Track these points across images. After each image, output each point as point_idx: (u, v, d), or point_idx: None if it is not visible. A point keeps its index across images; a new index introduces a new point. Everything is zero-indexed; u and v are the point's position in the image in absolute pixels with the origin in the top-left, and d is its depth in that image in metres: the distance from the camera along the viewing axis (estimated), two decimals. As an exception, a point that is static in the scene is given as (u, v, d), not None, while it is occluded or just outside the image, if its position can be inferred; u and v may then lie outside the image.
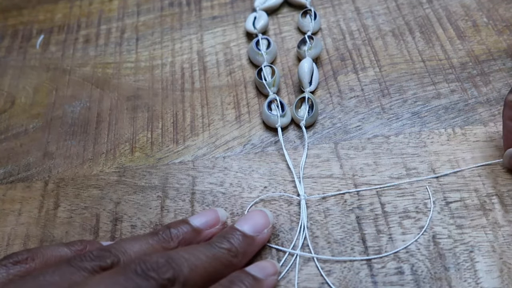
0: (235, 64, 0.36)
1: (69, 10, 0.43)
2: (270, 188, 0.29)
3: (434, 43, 0.35)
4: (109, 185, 0.31)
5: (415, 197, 0.27)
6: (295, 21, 0.38)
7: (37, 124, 0.35)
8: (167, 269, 0.20)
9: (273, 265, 0.25)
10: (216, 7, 0.40)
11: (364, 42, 0.36)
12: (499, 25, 0.35)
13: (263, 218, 0.26)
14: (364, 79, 0.33)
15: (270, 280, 0.24)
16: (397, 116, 0.31)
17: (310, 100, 0.31)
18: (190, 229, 0.25)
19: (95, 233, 0.28)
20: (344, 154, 0.30)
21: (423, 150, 0.29)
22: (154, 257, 0.21)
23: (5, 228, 0.30)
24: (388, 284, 0.24)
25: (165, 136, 0.33)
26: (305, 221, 0.27)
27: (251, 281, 0.23)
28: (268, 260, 0.25)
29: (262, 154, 0.31)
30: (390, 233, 0.26)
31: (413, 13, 0.37)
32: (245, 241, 0.24)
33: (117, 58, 0.38)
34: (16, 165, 0.33)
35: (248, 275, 0.23)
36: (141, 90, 0.36)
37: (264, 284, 0.23)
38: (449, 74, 0.33)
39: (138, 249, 0.23)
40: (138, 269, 0.20)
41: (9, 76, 0.39)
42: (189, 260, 0.22)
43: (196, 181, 0.30)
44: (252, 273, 0.23)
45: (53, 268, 0.21)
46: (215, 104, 0.34)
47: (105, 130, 0.34)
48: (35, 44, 0.41)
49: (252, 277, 0.23)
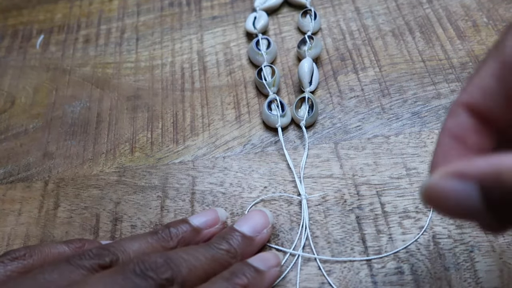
0: (235, 64, 0.36)
1: (69, 10, 0.43)
2: (270, 188, 0.29)
3: (434, 43, 0.35)
4: (109, 185, 0.31)
5: (415, 197, 0.27)
6: (295, 21, 0.38)
7: (37, 124, 0.35)
8: (165, 269, 0.21)
9: (275, 256, 0.25)
10: (216, 7, 0.40)
11: (364, 42, 0.36)
12: (499, 25, 0.35)
13: (263, 218, 0.26)
14: (364, 79, 0.33)
15: (272, 272, 0.24)
16: (397, 116, 0.31)
17: (310, 100, 0.31)
18: (189, 229, 0.25)
19: (95, 233, 0.28)
20: (344, 154, 0.30)
21: (423, 150, 0.29)
22: (152, 257, 0.21)
23: (5, 228, 0.30)
24: (388, 284, 0.24)
25: (165, 136, 0.33)
26: (307, 221, 0.27)
27: (252, 273, 0.23)
28: (270, 252, 0.25)
29: (262, 154, 0.31)
30: (390, 233, 0.26)
31: (413, 13, 0.37)
32: (244, 242, 0.24)
33: (117, 58, 0.38)
34: (16, 165, 0.33)
35: (250, 266, 0.23)
36: (141, 90, 0.36)
37: (266, 276, 0.23)
38: (449, 74, 0.33)
39: (137, 248, 0.23)
40: (137, 269, 0.20)
41: (9, 76, 0.39)
42: (187, 261, 0.22)
43: (196, 181, 0.30)
44: (254, 265, 0.23)
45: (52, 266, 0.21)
46: (215, 104, 0.34)
47: (105, 130, 0.34)
48: (35, 44, 0.41)
49: (254, 268, 0.23)
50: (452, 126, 0.17)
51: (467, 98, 0.16)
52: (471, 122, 0.16)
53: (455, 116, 0.17)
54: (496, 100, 0.16)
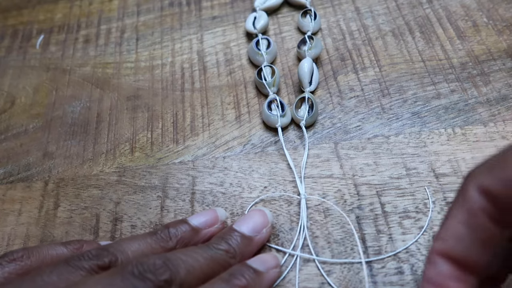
0: (235, 64, 0.36)
1: (69, 10, 0.43)
2: (270, 188, 0.29)
3: (434, 43, 0.35)
4: (109, 185, 0.31)
5: (415, 197, 0.27)
6: (295, 21, 0.38)
7: (37, 124, 0.35)
8: (164, 270, 0.20)
9: (274, 258, 0.25)
10: (216, 7, 0.40)
11: (364, 42, 0.36)
12: (499, 25, 0.35)
13: (262, 218, 0.26)
14: (364, 79, 0.33)
15: (272, 273, 0.24)
16: (397, 116, 0.31)
17: (310, 100, 0.31)
18: (188, 229, 0.25)
19: (95, 233, 0.28)
20: (344, 154, 0.30)
21: (423, 150, 0.29)
22: (151, 258, 0.21)
23: (5, 228, 0.30)
24: (388, 284, 0.24)
25: (165, 136, 0.33)
26: (305, 221, 0.27)
27: (251, 274, 0.23)
28: (269, 253, 0.25)
29: (262, 154, 0.31)
30: (390, 233, 0.26)
31: (413, 13, 0.37)
32: (243, 242, 0.24)
33: (117, 58, 0.38)
34: (16, 165, 0.33)
35: (249, 268, 0.23)
36: (141, 90, 0.36)
37: (265, 277, 0.23)
38: (449, 74, 0.33)
39: (137, 248, 0.23)
40: (135, 271, 0.20)
41: (9, 76, 0.39)
42: (186, 262, 0.22)
43: (196, 181, 0.30)
44: (253, 266, 0.23)
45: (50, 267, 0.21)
46: (215, 104, 0.34)
47: (105, 130, 0.34)
48: (35, 44, 0.41)
49: (253, 270, 0.23)
50: (432, 276, 0.18)
51: (442, 246, 0.18)
52: (450, 269, 0.17)
53: (434, 265, 0.18)
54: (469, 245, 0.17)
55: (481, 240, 0.17)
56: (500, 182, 0.16)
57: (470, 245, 0.17)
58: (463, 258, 0.17)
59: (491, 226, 0.17)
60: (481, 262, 0.17)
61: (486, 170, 0.17)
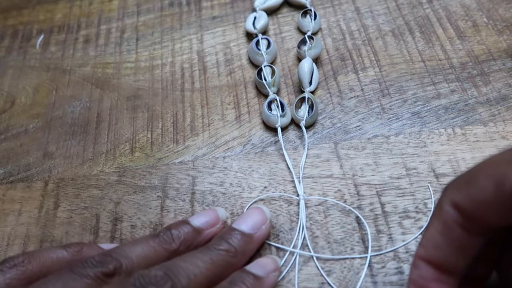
0: (235, 64, 0.36)
1: (69, 10, 0.43)
2: (270, 188, 0.29)
3: (434, 43, 0.35)
4: (109, 185, 0.31)
5: (415, 197, 0.27)
6: (295, 21, 0.38)
7: (37, 124, 0.35)
8: (165, 281, 0.20)
9: (273, 261, 0.25)
10: (216, 7, 0.40)
11: (364, 42, 0.36)
12: (499, 25, 0.35)
13: (260, 215, 0.26)
14: (364, 79, 0.33)
15: (271, 277, 0.24)
16: (397, 116, 0.31)
17: (310, 100, 0.31)
18: (191, 230, 0.25)
19: (95, 233, 0.28)
20: (344, 154, 0.30)
21: (423, 150, 0.29)
22: (152, 270, 0.21)
23: (5, 228, 0.30)
24: (388, 284, 0.24)
25: (165, 136, 0.33)
26: (304, 221, 0.27)
27: (251, 280, 0.23)
28: (268, 256, 0.25)
29: (262, 154, 0.31)
30: (390, 233, 0.26)
31: (413, 13, 0.37)
32: (244, 240, 0.24)
33: (117, 58, 0.38)
34: (16, 165, 0.33)
35: (249, 274, 0.23)
36: (141, 90, 0.36)
37: (265, 282, 0.23)
38: (449, 74, 0.33)
39: (140, 252, 0.23)
40: (137, 284, 0.20)
41: (9, 76, 0.39)
42: (186, 269, 0.21)
43: (196, 181, 0.30)
44: (252, 272, 0.23)
45: (55, 276, 0.21)
46: (215, 104, 0.34)
47: (105, 130, 0.34)
48: (35, 44, 0.41)
49: (253, 275, 0.23)
50: (416, 278, 0.20)
51: (423, 252, 0.20)
52: (431, 272, 0.20)
53: (417, 268, 0.20)
54: (446, 252, 0.19)
55: (456, 247, 0.19)
56: (467, 199, 0.18)
57: (447, 252, 0.19)
58: (442, 263, 0.20)
59: (465, 235, 0.19)
60: (459, 265, 0.19)
61: (456, 186, 0.19)
